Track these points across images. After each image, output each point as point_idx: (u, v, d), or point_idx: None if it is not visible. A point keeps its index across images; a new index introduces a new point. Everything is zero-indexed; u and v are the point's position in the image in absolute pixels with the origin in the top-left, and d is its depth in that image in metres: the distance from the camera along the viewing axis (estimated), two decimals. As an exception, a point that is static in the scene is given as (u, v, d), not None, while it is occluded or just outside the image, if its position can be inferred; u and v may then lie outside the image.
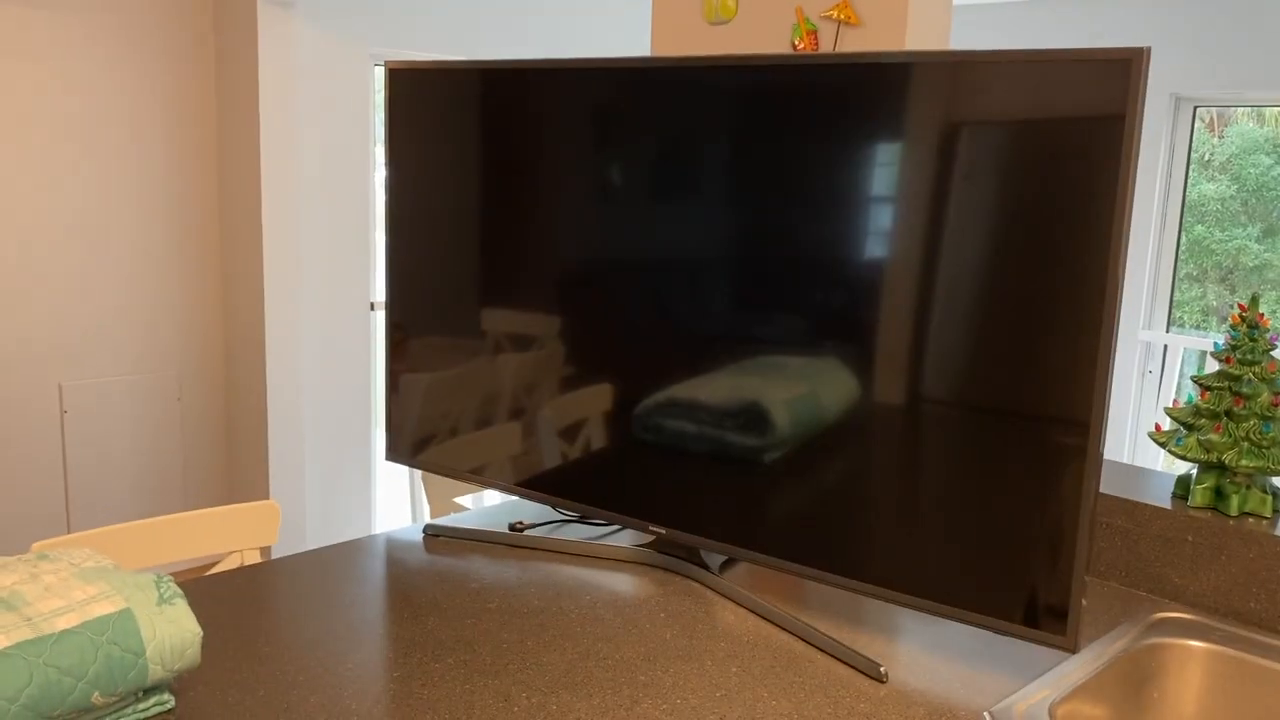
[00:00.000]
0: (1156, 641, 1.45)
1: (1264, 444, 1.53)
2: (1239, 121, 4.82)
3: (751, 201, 1.43)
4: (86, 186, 3.54)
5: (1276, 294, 4.74)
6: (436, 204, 1.75)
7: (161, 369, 3.80)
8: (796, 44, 2.43)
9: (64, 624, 1.08)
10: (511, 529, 1.76)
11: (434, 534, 1.75)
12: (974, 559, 1.29)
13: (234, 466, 3.99)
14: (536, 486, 1.69)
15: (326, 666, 1.29)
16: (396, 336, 1.82)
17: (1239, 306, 1.57)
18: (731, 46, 2.59)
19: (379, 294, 4.23)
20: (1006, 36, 5.06)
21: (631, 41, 4.86)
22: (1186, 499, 1.61)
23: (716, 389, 1.49)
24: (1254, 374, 1.55)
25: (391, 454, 1.85)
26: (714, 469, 1.51)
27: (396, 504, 4.57)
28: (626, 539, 1.73)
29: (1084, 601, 1.41)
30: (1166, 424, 4.77)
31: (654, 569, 1.63)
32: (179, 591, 1.18)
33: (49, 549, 1.48)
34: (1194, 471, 1.62)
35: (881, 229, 1.32)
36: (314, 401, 4.06)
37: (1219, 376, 1.57)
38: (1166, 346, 4.79)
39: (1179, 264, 4.75)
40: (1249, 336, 1.55)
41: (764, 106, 1.40)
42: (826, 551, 1.40)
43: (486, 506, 1.93)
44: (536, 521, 1.81)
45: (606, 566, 1.64)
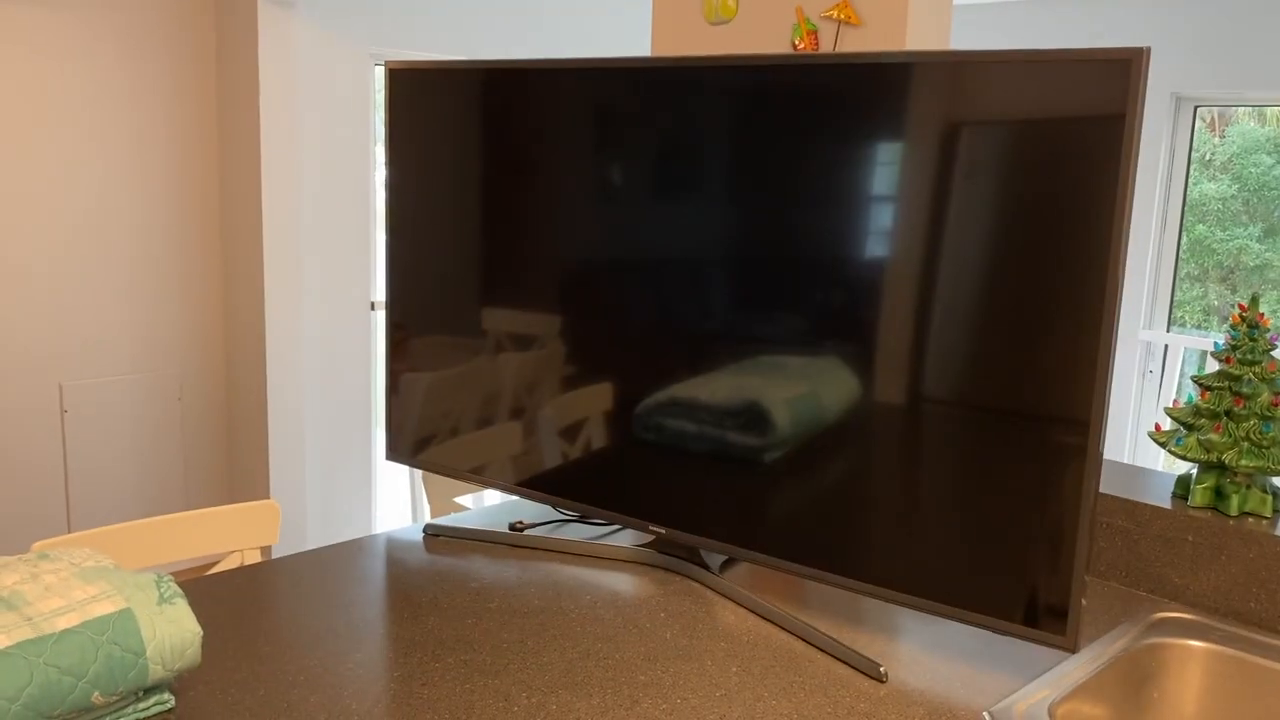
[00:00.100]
0: (1156, 641, 1.45)
1: (1264, 444, 1.53)
2: (1240, 121, 4.81)
3: (752, 201, 1.43)
4: (87, 187, 3.55)
5: (1277, 294, 4.74)
6: (437, 203, 1.75)
7: (162, 369, 3.80)
8: (797, 44, 2.43)
9: (64, 624, 1.08)
10: (512, 529, 1.76)
11: (434, 534, 1.75)
12: (974, 558, 1.29)
13: (234, 466, 4.00)
14: (537, 486, 1.69)
15: (327, 666, 1.29)
16: (397, 336, 1.82)
17: (1239, 306, 1.57)
18: (732, 46, 2.59)
19: (379, 293, 4.23)
20: (1006, 36, 5.06)
21: (631, 41, 4.86)
22: (1186, 499, 1.61)
23: (717, 388, 1.49)
24: (1254, 374, 1.55)
25: (392, 454, 1.85)
26: (714, 469, 1.51)
27: (397, 504, 4.57)
28: (627, 539, 1.73)
29: (1084, 601, 1.41)
30: (1167, 424, 4.77)
31: (654, 569, 1.63)
32: (179, 591, 1.18)
33: (49, 549, 1.48)
34: (1194, 471, 1.62)
35: (882, 229, 1.32)
36: (314, 401, 4.06)
37: (1219, 376, 1.57)
38: (1167, 346, 4.79)
39: (1180, 264, 4.75)
40: (1249, 336, 1.55)
41: (764, 107, 1.40)
42: (826, 551, 1.41)
43: (487, 506, 1.93)
44: (537, 521, 1.81)
45: (607, 566, 1.64)
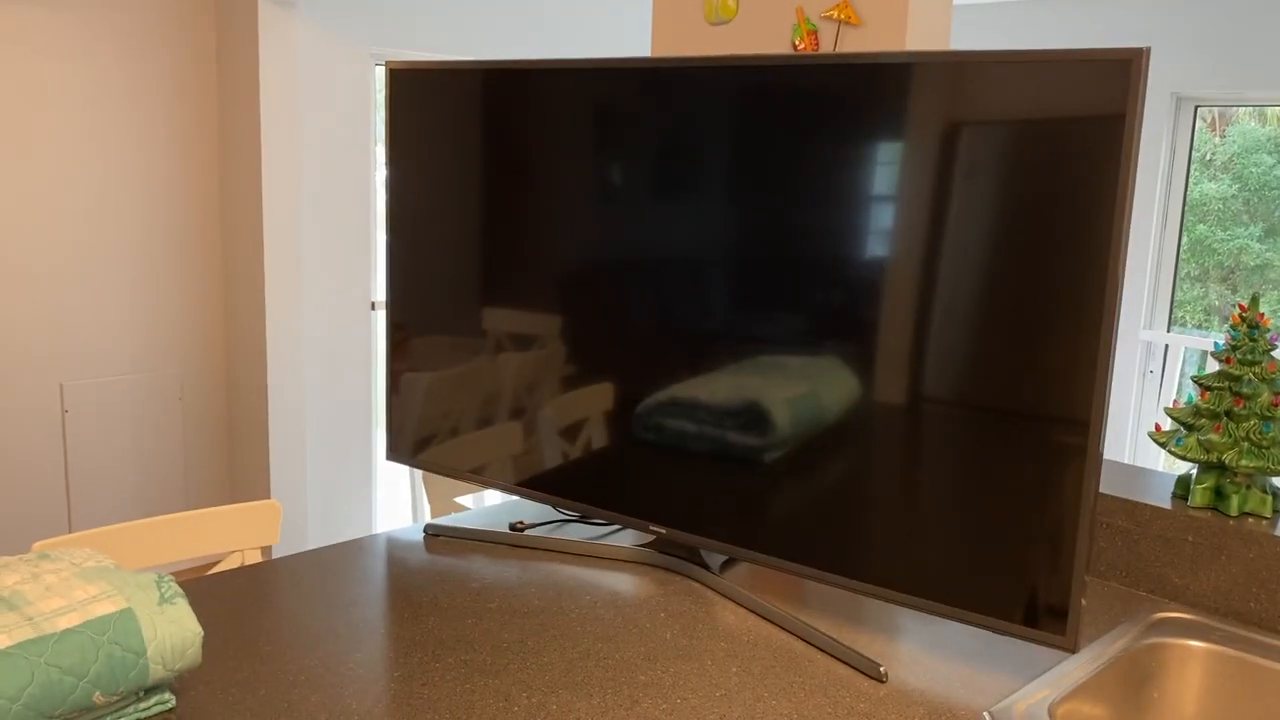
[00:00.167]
0: (1156, 641, 1.45)
1: (1264, 444, 1.53)
2: (1240, 121, 4.81)
3: (752, 201, 1.43)
4: (88, 186, 3.55)
5: (1278, 294, 4.74)
6: (437, 203, 1.75)
7: (163, 369, 3.81)
8: (797, 44, 2.43)
9: (65, 623, 1.08)
10: (512, 529, 1.76)
11: (434, 534, 1.75)
12: (974, 558, 1.29)
13: (235, 466, 4.00)
14: (537, 486, 1.70)
15: (327, 666, 1.29)
16: (397, 336, 1.82)
17: (1240, 306, 1.57)
18: (732, 47, 2.59)
19: (380, 293, 4.23)
20: (1006, 36, 5.06)
21: (632, 41, 4.86)
22: (1187, 499, 1.61)
23: (717, 388, 1.49)
24: (1254, 374, 1.55)
25: (392, 454, 1.85)
26: (714, 469, 1.51)
27: (397, 504, 4.57)
28: (627, 539, 1.73)
29: (1084, 601, 1.41)
30: (1167, 424, 4.77)
31: (654, 569, 1.63)
32: (180, 591, 1.18)
33: (50, 548, 1.48)
34: (1194, 471, 1.62)
35: (882, 229, 1.32)
36: (315, 401, 4.06)
37: (1219, 376, 1.57)
38: (1167, 346, 4.79)
39: (1180, 264, 4.75)
40: (1249, 336, 1.55)
41: (765, 107, 1.40)
42: (827, 551, 1.41)
43: (487, 506, 1.93)
44: (537, 521, 1.81)
45: (607, 566, 1.64)
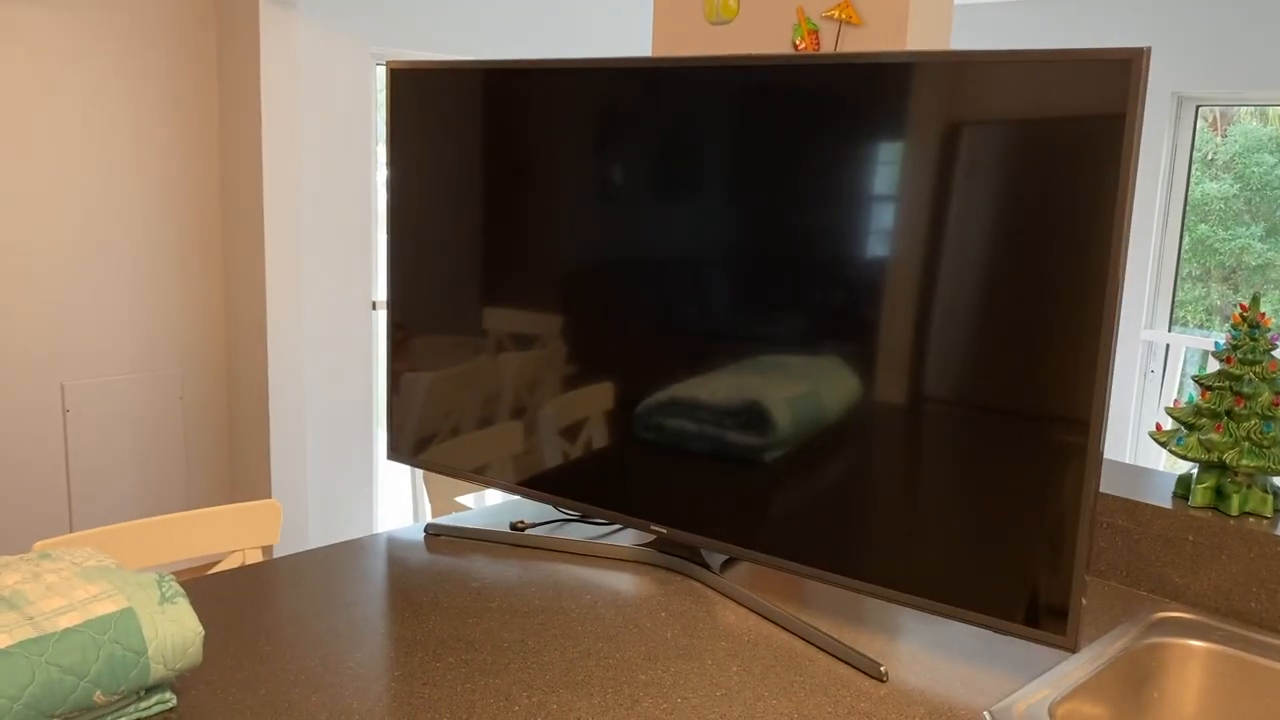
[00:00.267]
0: (1157, 641, 1.45)
1: (1265, 443, 1.53)
2: (1242, 120, 4.81)
3: (753, 201, 1.43)
4: (89, 186, 3.55)
5: (1279, 293, 4.74)
6: (438, 203, 1.75)
7: (163, 368, 3.81)
8: (798, 44, 2.43)
9: (66, 623, 1.08)
10: (513, 528, 1.76)
11: (435, 533, 1.75)
12: (974, 558, 1.29)
13: (236, 465, 4.00)
14: (538, 486, 1.70)
15: (328, 665, 1.29)
16: (398, 335, 1.82)
17: (1240, 306, 1.57)
18: (732, 46, 2.59)
19: (381, 293, 4.23)
20: (1006, 36, 5.06)
21: (632, 41, 4.86)
22: (1187, 498, 1.61)
23: (717, 388, 1.49)
24: (1255, 374, 1.55)
25: (393, 453, 1.85)
26: (715, 468, 1.51)
27: (398, 503, 4.58)
28: (628, 538, 1.73)
29: (1084, 601, 1.41)
30: (1168, 424, 4.77)
31: (655, 568, 1.63)
32: (180, 590, 1.18)
33: (51, 548, 1.48)
34: (1195, 471, 1.62)
35: (882, 228, 1.32)
36: (316, 401, 4.06)
37: (1220, 376, 1.57)
38: (1168, 346, 4.78)
39: (1181, 263, 4.75)
40: (1250, 336, 1.55)
41: (765, 106, 1.40)
42: (827, 551, 1.41)
43: (488, 506, 1.93)
44: (538, 521, 1.81)
45: (608, 566, 1.64)
